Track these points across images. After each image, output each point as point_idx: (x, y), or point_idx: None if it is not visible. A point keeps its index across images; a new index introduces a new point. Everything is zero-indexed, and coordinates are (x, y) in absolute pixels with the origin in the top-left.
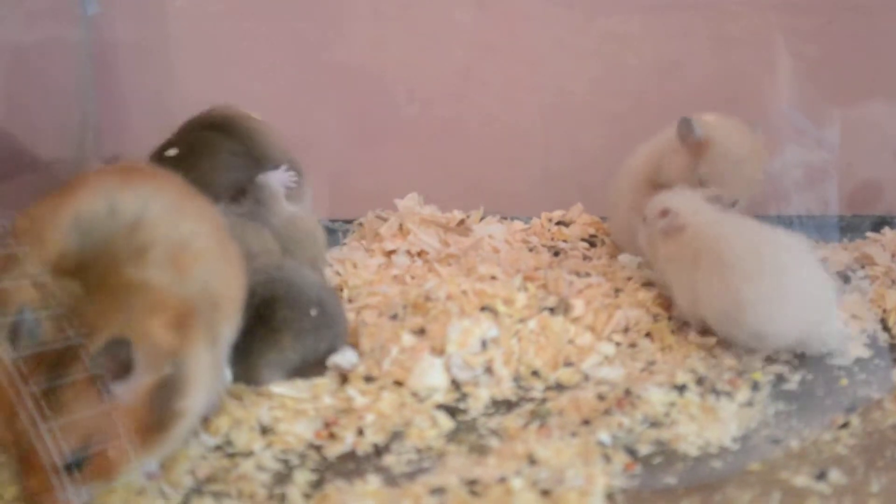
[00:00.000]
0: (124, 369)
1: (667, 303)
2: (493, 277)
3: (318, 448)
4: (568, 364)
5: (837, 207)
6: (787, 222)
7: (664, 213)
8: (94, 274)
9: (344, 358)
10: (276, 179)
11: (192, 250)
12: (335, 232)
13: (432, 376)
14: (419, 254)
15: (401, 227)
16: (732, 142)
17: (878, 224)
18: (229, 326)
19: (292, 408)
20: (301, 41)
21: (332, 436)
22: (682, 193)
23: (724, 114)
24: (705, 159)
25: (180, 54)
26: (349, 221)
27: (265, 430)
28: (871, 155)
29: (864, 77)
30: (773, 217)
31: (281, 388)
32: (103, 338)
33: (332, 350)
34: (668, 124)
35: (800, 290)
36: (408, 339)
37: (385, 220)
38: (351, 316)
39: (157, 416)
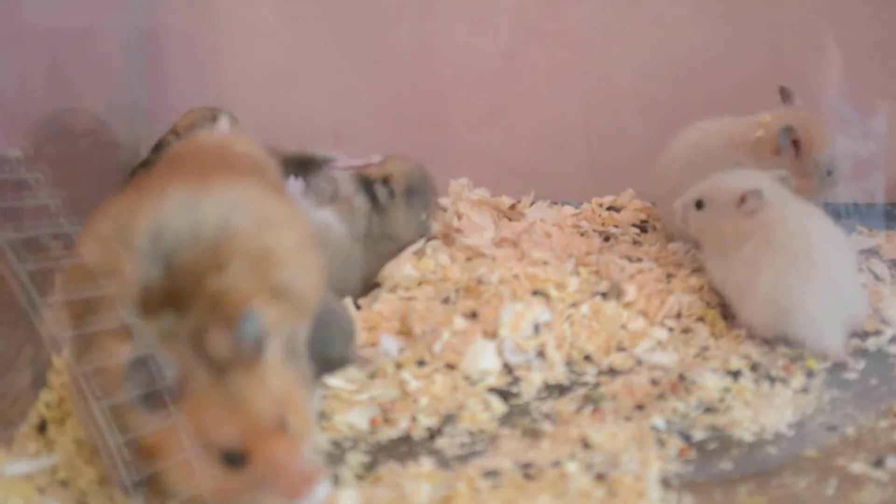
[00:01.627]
0: (259, 340)
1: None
2: (545, 262)
3: (372, 433)
4: (621, 349)
5: (884, 196)
6: (833, 211)
7: (749, 196)
8: (180, 297)
9: (389, 346)
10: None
11: (274, 258)
12: None
13: (485, 359)
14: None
15: (456, 212)
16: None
17: None
18: (304, 330)
19: (346, 399)
20: (347, 25)
21: (387, 421)
22: (751, 175)
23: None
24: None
25: (226, 38)
26: None
27: (319, 418)
28: None
29: None
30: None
31: (335, 381)
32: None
33: (343, 354)
34: (716, 110)
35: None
36: (460, 322)
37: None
38: (402, 301)
39: (297, 371)
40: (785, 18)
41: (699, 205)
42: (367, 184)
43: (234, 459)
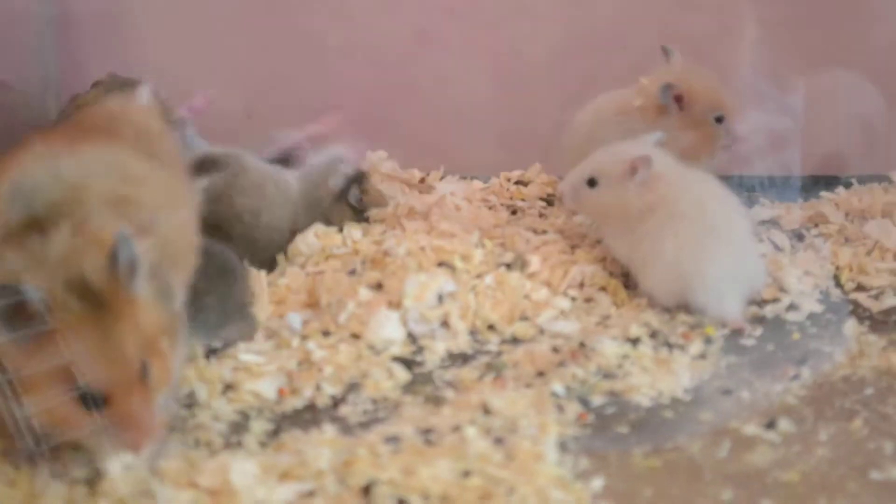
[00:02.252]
0: (132, 265)
1: None
2: (453, 235)
3: (278, 403)
4: (524, 318)
5: (797, 169)
6: (748, 183)
7: (638, 163)
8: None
9: (293, 320)
10: None
11: (134, 203)
12: None
13: (388, 329)
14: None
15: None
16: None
17: (832, 183)
18: (178, 280)
19: (256, 370)
20: (259, 8)
21: (293, 391)
22: (633, 144)
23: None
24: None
25: (139, 22)
26: None
27: (227, 388)
28: (827, 118)
29: (826, 44)
30: (735, 177)
31: (245, 354)
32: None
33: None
34: (625, 84)
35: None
36: (365, 293)
37: None
38: (309, 276)
39: (166, 318)
40: None
41: (591, 182)
42: (354, 177)
43: (93, 400)
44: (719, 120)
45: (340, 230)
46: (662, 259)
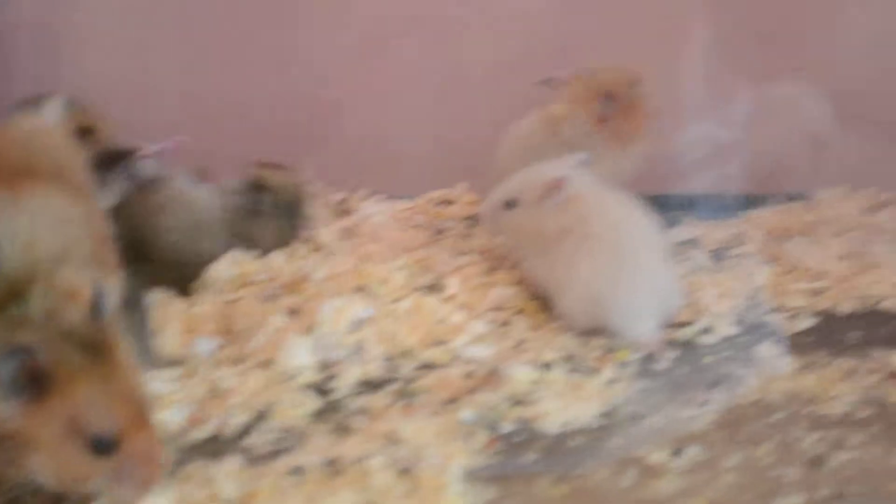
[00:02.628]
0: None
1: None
2: (372, 257)
3: (185, 432)
4: (439, 343)
5: (726, 186)
6: (673, 201)
7: (553, 185)
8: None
9: (203, 345)
10: None
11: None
12: None
13: (300, 356)
14: None
15: None
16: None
17: (757, 203)
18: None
19: (164, 398)
20: (195, 18)
21: (201, 420)
22: (552, 165)
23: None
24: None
25: (79, 38)
26: None
27: None
28: (766, 133)
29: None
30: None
31: (154, 382)
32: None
33: None
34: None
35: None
36: (279, 318)
37: None
38: (225, 303)
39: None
40: (639, 7)
41: (509, 204)
42: (253, 186)
43: (104, 446)
44: (635, 84)
45: (265, 252)
46: (577, 281)
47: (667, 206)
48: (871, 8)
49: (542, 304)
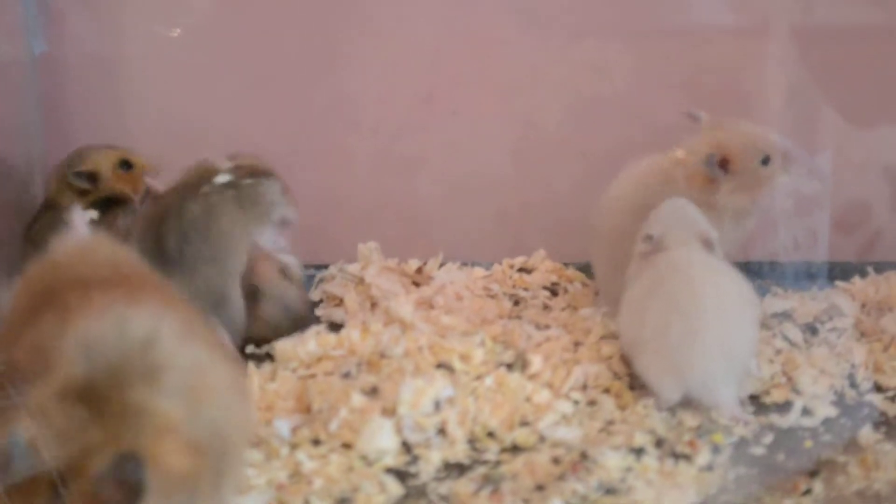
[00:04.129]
0: (134, 492)
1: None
2: (452, 330)
3: None
4: (524, 424)
5: (816, 252)
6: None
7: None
8: (102, 396)
9: (282, 428)
10: None
11: (206, 381)
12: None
13: (382, 438)
14: (373, 306)
15: (360, 281)
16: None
17: (848, 271)
18: (233, 481)
19: (244, 483)
20: (259, 79)
21: None
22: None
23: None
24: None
25: (132, 96)
26: (319, 267)
27: None
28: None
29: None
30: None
31: None
32: (110, 455)
33: None
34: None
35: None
36: (358, 399)
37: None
38: (300, 379)
39: None
40: (716, 60)
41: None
42: None
43: None
44: (765, 162)
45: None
46: (654, 339)
47: (758, 273)
48: None
49: (628, 381)
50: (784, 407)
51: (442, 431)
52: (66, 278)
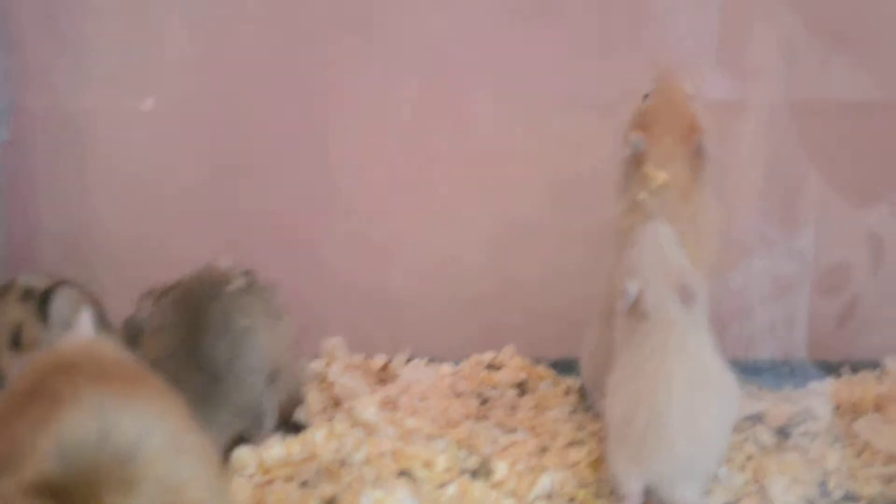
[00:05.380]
0: None
1: (597, 463)
2: (417, 432)
3: None
4: None
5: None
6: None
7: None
8: (75, 497)
9: None
10: None
11: (186, 499)
12: None
13: None
14: (336, 404)
15: (323, 378)
16: None
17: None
18: None
19: None
20: (232, 150)
21: None
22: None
23: None
24: None
25: (99, 186)
26: None
27: None
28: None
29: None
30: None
31: None
32: None
33: None
34: None
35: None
36: None
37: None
38: (257, 487)
39: None
40: None
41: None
42: None
43: None
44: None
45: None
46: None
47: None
48: None
49: (595, 489)
50: None
51: None
52: (62, 370)
